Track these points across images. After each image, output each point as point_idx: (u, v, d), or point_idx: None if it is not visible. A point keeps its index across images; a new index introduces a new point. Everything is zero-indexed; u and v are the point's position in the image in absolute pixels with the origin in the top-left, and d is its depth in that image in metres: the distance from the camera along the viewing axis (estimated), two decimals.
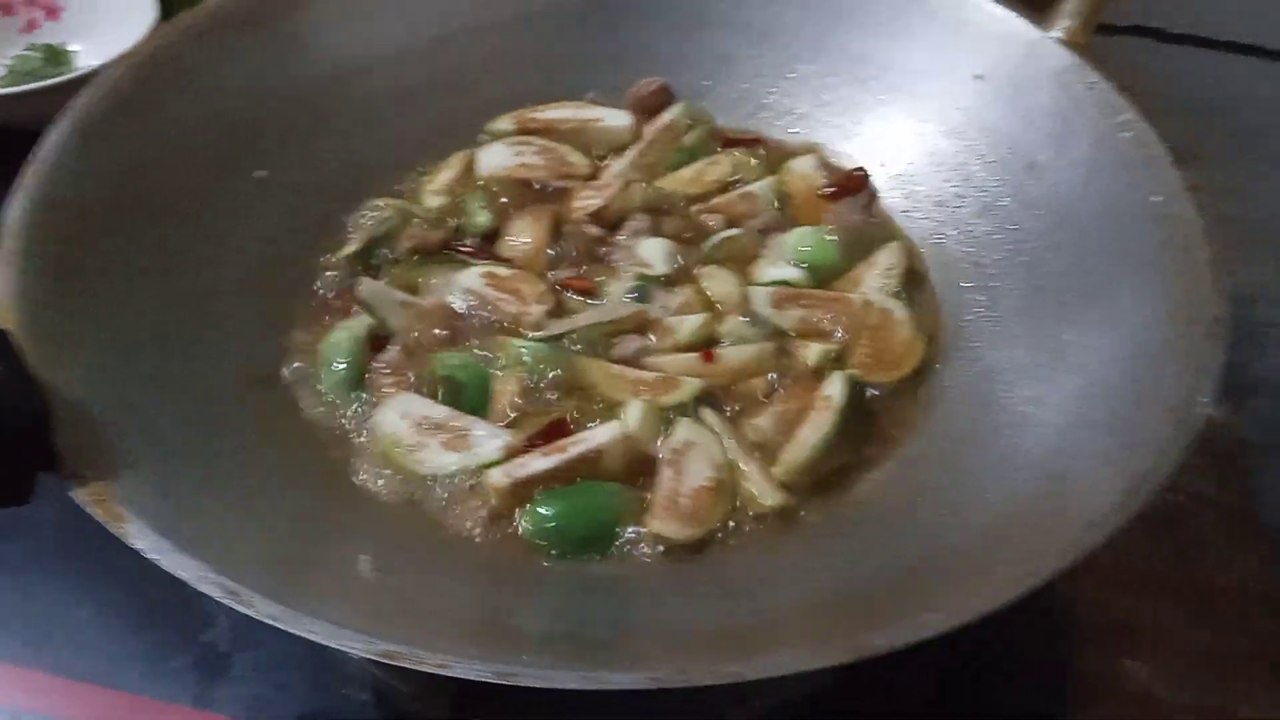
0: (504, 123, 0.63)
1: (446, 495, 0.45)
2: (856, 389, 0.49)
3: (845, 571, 0.40)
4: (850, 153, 0.63)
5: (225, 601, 0.30)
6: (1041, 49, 0.55)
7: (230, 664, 0.47)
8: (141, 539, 0.31)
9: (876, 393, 0.51)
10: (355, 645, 0.29)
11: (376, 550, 0.39)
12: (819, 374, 0.51)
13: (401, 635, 0.30)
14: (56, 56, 0.83)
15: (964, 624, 0.30)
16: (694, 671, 0.28)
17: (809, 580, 0.41)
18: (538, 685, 0.29)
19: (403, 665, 0.28)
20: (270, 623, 0.29)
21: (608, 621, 0.38)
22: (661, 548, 0.43)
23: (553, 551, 0.43)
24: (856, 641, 0.29)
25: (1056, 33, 0.55)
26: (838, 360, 0.52)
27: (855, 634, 0.30)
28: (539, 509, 0.43)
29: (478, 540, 0.43)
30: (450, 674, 0.28)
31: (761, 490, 0.45)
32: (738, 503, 0.46)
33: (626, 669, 0.29)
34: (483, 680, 0.29)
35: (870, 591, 0.36)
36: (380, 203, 0.58)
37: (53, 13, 0.86)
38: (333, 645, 0.29)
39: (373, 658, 0.28)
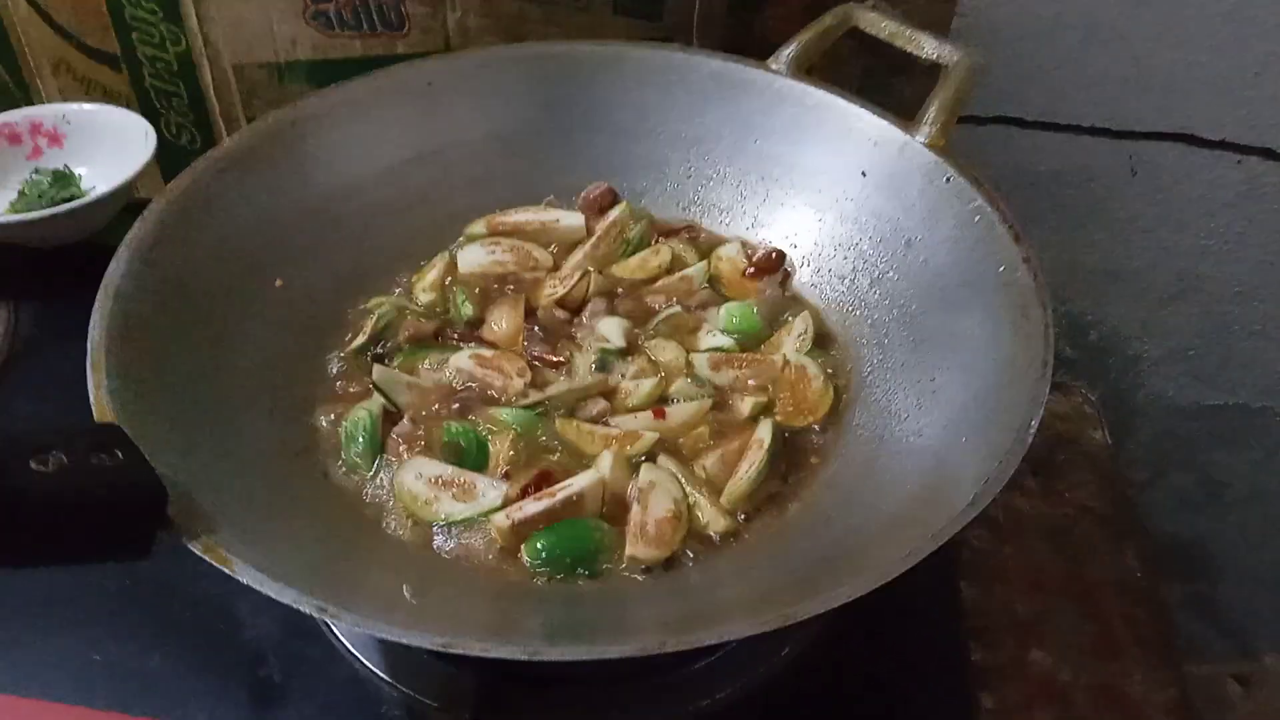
0: (478, 226, 0.72)
1: (459, 536, 0.54)
2: (781, 432, 0.59)
3: (779, 572, 0.50)
4: (767, 238, 0.72)
5: (319, 616, 0.39)
6: (909, 150, 0.64)
7: (284, 692, 0.56)
8: (246, 575, 0.40)
9: (797, 433, 0.61)
10: (420, 639, 0.38)
11: (411, 581, 0.49)
12: (751, 421, 0.60)
13: (448, 633, 0.40)
14: (63, 180, 0.89)
15: (864, 593, 0.40)
16: (670, 641, 0.39)
17: (751, 581, 0.50)
18: (554, 659, 0.38)
19: (455, 652, 0.38)
20: (354, 628, 0.39)
21: (597, 621, 0.48)
22: (637, 567, 0.53)
23: (549, 574, 0.52)
24: (783, 612, 0.40)
25: (920, 137, 0.64)
26: (765, 410, 0.61)
27: (783, 608, 0.40)
28: (536, 543, 0.52)
29: (489, 569, 0.52)
30: (491, 655, 0.38)
31: (711, 518, 0.55)
32: (693, 528, 0.55)
33: (617, 644, 0.39)
34: (515, 659, 0.38)
35: (797, 582, 0.47)
36: (380, 300, 0.66)
37: (55, 140, 0.92)
38: (403, 641, 0.38)
39: (434, 648, 0.38)
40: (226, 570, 0.40)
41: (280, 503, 0.52)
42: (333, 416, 0.60)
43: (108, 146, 0.90)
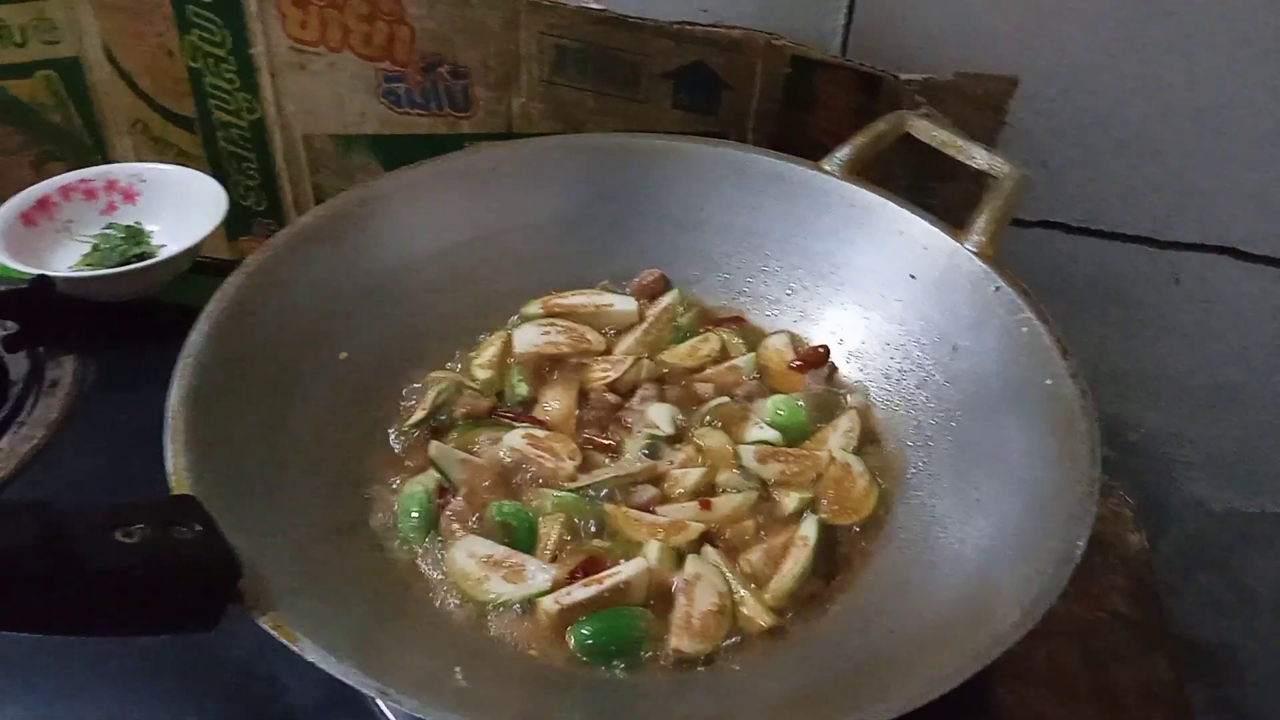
0: (534, 307, 0.74)
1: (508, 617, 0.55)
2: (826, 529, 0.60)
3: (817, 675, 0.50)
4: (814, 333, 0.73)
5: (380, 698, 0.40)
6: (958, 257, 0.66)
7: None
8: (313, 654, 0.42)
9: (840, 532, 0.61)
10: None
11: (461, 660, 0.50)
12: (796, 517, 0.61)
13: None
14: (135, 236, 0.92)
15: (903, 712, 0.41)
16: None
17: (790, 680, 0.51)
18: None
19: None
20: (413, 713, 0.40)
21: (638, 717, 0.49)
22: (677, 659, 0.54)
23: (591, 662, 0.53)
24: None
25: (970, 245, 0.66)
26: (810, 506, 0.61)
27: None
28: (581, 629, 0.54)
29: (534, 653, 0.54)
30: None
31: (756, 613, 0.55)
32: (735, 623, 0.56)
33: None
34: None
35: (836, 687, 0.47)
36: (438, 375, 0.68)
37: (129, 197, 0.95)
38: None
39: None
40: (293, 647, 0.42)
41: (335, 576, 0.53)
42: (389, 490, 0.62)
43: (179, 206, 0.93)
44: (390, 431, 0.66)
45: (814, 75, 0.81)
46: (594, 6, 0.81)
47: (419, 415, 0.66)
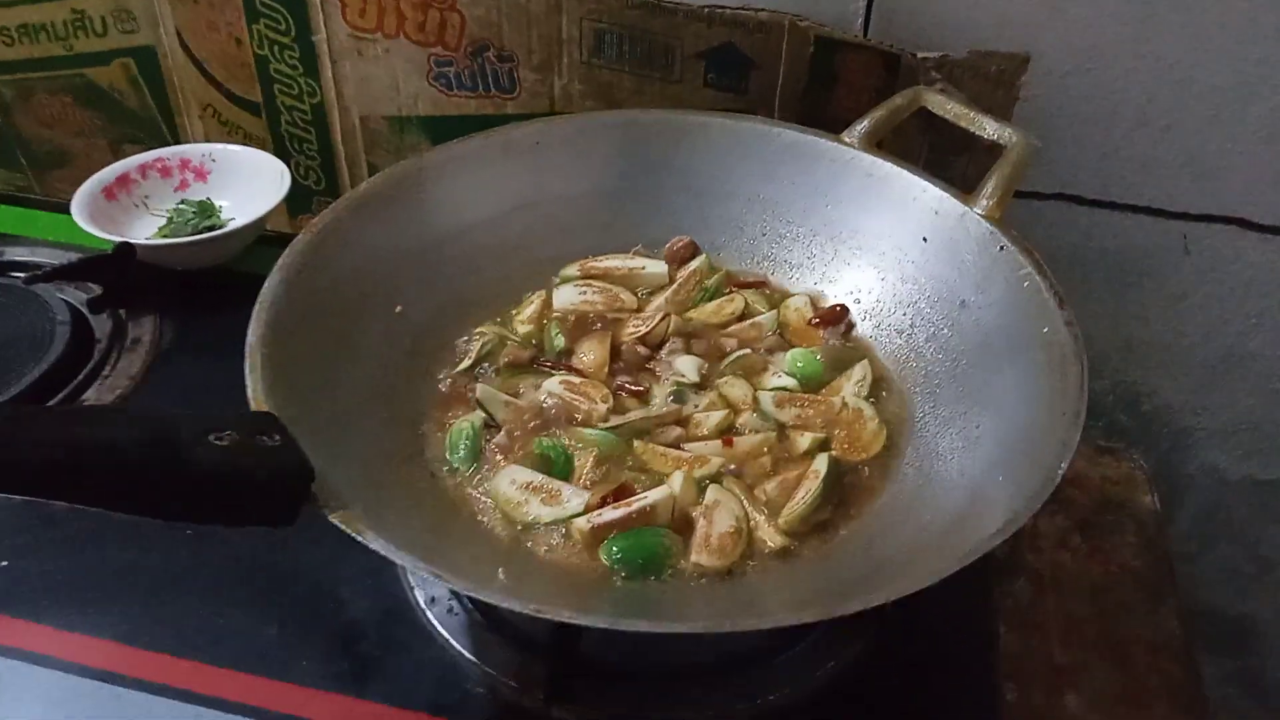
0: (572, 269, 0.80)
1: (545, 535, 0.61)
2: (836, 465, 0.65)
3: (825, 583, 0.56)
4: (832, 293, 0.78)
5: (435, 578, 0.46)
6: (967, 220, 0.70)
7: (381, 664, 0.63)
8: (376, 544, 0.47)
9: (851, 468, 0.67)
10: (518, 604, 0.45)
11: (503, 566, 0.56)
12: (809, 454, 0.66)
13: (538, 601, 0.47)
14: (206, 210, 1.00)
15: (894, 598, 0.46)
16: (728, 623, 0.45)
17: (800, 589, 0.57)
18: (628, 630, 0.45)
19: (546, 617, 0.44)
20: (465, 592, 0.46)
21: (664, 612, 0.55)
22: (698, 574, 0.60)
23: (622, 574, 0.59)
24: (825, 608, 0.46)
25: (978, 209, 0.70)
26: (823, 445, 0.67)
27: (825, 607, 0.47)
28: (611, 546, 0.59)
29: (570, 565, 0.60)
30: (576, 622, 0.44)
31: (768, 536, 0.61)
32: (751, 544, 0.62)
33: (683, 623, 0.46)
34: (595, 626, 0.45)
35: (839, 593, 0.53)
36: (484, 329, 0.75)
37: (201, 175, 1.03)
38: (503, 605, 0.46)
39: (528, 612, 0.45)
40: (358, 538, 0.48)
41: (394, 495, 0.60)
42: (441, 427, 0.68)
43: (246, 183, 1.00)
44: (441, 377, 0.72)
45: (836, 54, 0.85)
46: None
47: (466, 363, 0.72)
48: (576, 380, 0.71)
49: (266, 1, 0.97)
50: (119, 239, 0.91)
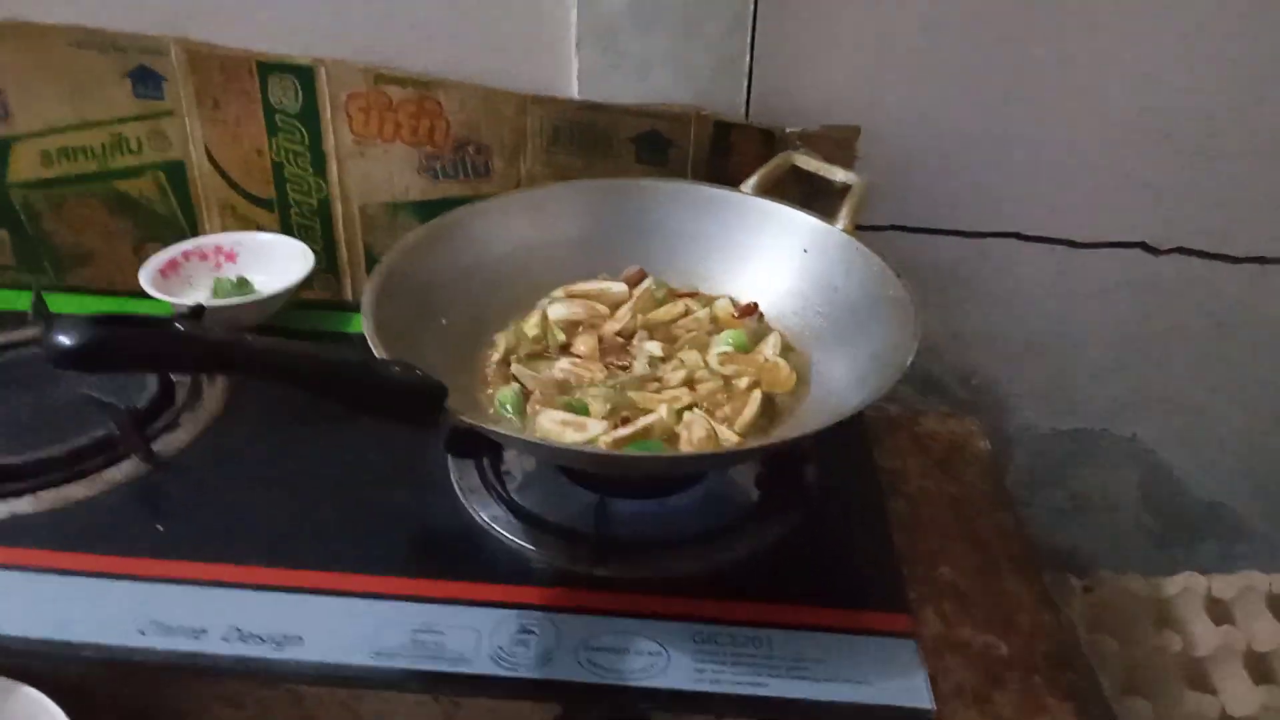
0: (558, 292, 0.99)
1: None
2: (766, 396, 0.94)
3: None
4: (745, 294, 1.00)
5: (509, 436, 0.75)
6: (832, 234, 0.95)
7: (462, 557, 0.88)
8: (497, 432, 0.75)
9: (774, 397, 0.95)
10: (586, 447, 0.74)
11: None
12: (747, 391, 0.93)
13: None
14: (242, 284, 1.14)
15: (795, 438, 0.77)
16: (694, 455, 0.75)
17: None
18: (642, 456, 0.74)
19: (589, 451, 0.73)
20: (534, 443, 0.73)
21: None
22: None
23: None
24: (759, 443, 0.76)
25: (839, 226, 0.99)
26: (755, 385, 0.89)
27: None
28: (627, 450, 0.87)
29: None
30: (589, 451, 0.73)
31: (728, 437, 0.88)
32: (719, 443, 0.89)
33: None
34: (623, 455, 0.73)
35: None
36: (504, 334, 0.99)
37: (231, 258, 1.18)
38: (584, 451, 0.74)
39: (576, 449, 0.74)
40: (483, 430, 0.75)
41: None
42: (488, 396, 0.95)
43: (269, 261, 1.16)
44: (487, 365, 0.98)
45: (730, 133, 1.10)
46: (578, 98, 1.10)
47: (497, 355, 0.98)
48: (579, 361, 0.99)
49: (286, 119, 1.13)
50: (191, 302, 1.13)
